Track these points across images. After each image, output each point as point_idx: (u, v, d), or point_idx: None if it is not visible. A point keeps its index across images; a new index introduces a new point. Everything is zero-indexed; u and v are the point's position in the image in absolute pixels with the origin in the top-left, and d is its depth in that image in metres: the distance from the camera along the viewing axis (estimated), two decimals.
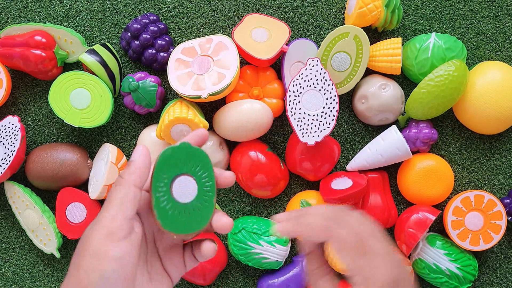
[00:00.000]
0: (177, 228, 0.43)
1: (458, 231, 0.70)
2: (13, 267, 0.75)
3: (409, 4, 0.74)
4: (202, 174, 0.44)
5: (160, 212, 0.42)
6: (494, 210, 0.69)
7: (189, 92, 0.66)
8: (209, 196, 0.44)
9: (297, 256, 0.73)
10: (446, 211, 0.71)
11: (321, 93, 0.67)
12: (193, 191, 0.44)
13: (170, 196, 0.43)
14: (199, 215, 0.43)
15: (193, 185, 0.44)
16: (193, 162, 0.44)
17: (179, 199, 0.43)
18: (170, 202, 0.43)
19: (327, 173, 0.71)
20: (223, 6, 0.74)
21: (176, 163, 0.43)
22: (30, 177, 0.70)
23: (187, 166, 0.44)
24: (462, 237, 0.70)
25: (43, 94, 0.75)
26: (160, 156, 0.43)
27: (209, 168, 0.44)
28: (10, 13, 0.74)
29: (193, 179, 0.44)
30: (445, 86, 0.66)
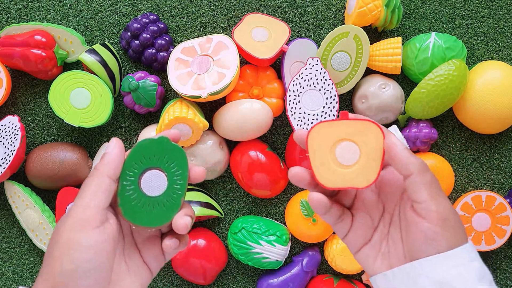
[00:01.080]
0: (137, 220, 0.43)
1: None
2: (13, 266, 0.75)
3: (409, 3, 0.74)
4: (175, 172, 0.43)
5: (123, 200, 0.42)
6: (503, 214, 0.69)
7: (189, 91, 0.66)
8: (177, 194, 0.43)
9: (297, 256, 0.73)
10: (455, 205, 0.71)
11: (321, 92, 0.67)
12: (162, 187, 0.43)
13: (137, 187, 0.43)
14: (162, 211, 0.43)
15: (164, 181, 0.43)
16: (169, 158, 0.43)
17: (146, 191, 0.43)
18: (136, 193, 0.43)
19: None
20: (223, 5, 0.74)
21: (150, 156, 0.43)
22: (30, 176, 0.70)
23: (161, 161, 0.43)
24: None
25: (43, 94, 0.75)
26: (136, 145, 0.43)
27: (184, 167, 0.43)
28: (10, 12, 0.74)
29: (165, 175, 0.43)
30: (445, 85, 0.66)
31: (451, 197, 0.74)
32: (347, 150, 0.43)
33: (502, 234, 0.69)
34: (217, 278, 0.75)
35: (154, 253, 0.46)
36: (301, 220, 0.70)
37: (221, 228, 0.75)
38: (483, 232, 0.70)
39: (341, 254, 0.69)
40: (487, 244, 0.70)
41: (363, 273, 0.74)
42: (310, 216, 0.69)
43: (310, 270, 0.72)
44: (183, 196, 0.43)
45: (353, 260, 0.69)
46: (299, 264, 0.72)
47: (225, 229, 0.75)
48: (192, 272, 0.71)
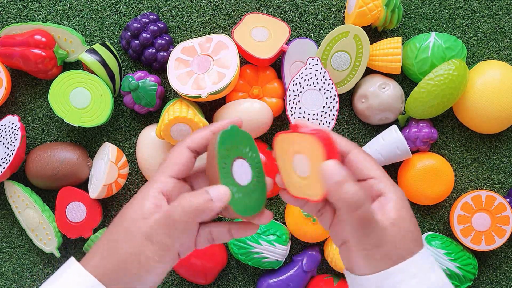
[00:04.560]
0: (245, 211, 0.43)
1: (462, 227, 0.70)
2: (13, 266, 0.75)
3: (409, 3, 0.74)
4: (252, 155, 0.44)
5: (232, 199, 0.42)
6: (503, 214, 0.69)
7: (189, 91, 0.66)
8: (261, 176, 0.44)
9: (297, 256, 0.73)
10: (455, 205, 0.71)
11: (321, 92, 0.67)
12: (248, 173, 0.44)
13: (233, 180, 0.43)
14: (257, 195, 0.44)
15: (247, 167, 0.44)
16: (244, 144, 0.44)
17: (240, 182, 0.43)
18: (235, 186, 0.42)
19: None
20: (223, 5, 0.74)
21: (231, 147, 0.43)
22: (30, 176, 0.70)
23: (239, 149, 0.44)
24: (465, 234, 0.70)
25: (43, 94, 0.74)
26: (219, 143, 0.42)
27: (256, 149, 0.45)
28: (10, 12, 0.74)
29: (246, 161, 0.44)
30: (445, 85, 0.66)
31: (451, 197, 0.74)
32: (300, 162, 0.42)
33: (502, 234, 0.69)
34: (217, 278, 0.75)
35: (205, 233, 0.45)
36: (301, 220, 0.70)
37: None
38: (483, 232, 0.70)
39: None
40: (487, 244, 0.70)
41: None
42: (310, 216, 0.69)
43: (310, 270, 0.72)
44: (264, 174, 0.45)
45: None
46: (299, 264, 0.72)
47: None
48: (192, 271, 0.71)
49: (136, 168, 0.74)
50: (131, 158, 0.74)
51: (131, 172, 0.75)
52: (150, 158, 0.70)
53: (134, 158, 0.74)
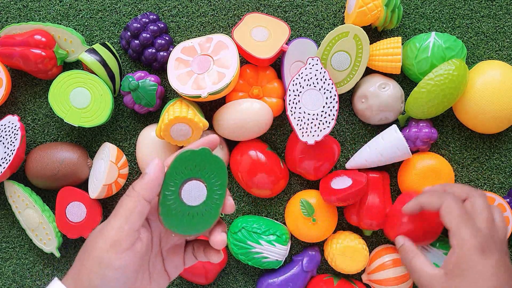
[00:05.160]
0: (177, 228, 0.44)
1: None
2: (13, 266, 0.75)
3: (409, 3, 0.74)
4: (215, 182, 0.45)
5: (164, 209, 0.44)
6: (504, 215, 0.69)
7: (189, 91, 0.66)
8: (216, 204, 0.45)
9: (297, 256, 0.73)
10: None
11: (321, 92, 0.67)
12: (201, 197, 0.45)
13: (177, 196, 0.44)
14: (201, 220, 0.44)
15: (203, 191, 0.45)
16: (209, 169, 0.44)
17: (186, 201, 0.44)
18: (176, 202, 0.44)
19: (327, 172, 0.71)
20: (223, 5, 0.74)
21: (191, 167, 0.44)
22: (30, 176, 0.70)
23: (202, 172, 0.44)
24: None
25: (43, 93, 0.74)
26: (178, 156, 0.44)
27: (223, 177, 0.45)
28: (10, 12, 0.74)
29: (205, 185, 0.45)
30: (445, 85, 0.66)
31: None
32: None
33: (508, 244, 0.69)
34: (217, 277, 0.75)
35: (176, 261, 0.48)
36: (301, 219, 0.70)
37: None
38: None
39: (341, 254, 0.69)
40: None
41: (363, 273, 0.74)
42: (310, 216, 0.69)
43: (310, 270, 0.72)
44: (221, 206, 0.45)
45: (353, 260, 0.69)
46: (299, 263, 0.72)
47: None
48: (192, 271, 0.71)
49: (136, 168, 0.75)
50: (131, 158, 0.74)
51: (131, 172, 0.75)
52: (150, 158, 0.70)
53: (134, 158, 0.74)
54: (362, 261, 0.70)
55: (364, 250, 0.70)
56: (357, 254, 0.69)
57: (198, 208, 0.44)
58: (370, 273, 0.71)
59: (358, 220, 0.70)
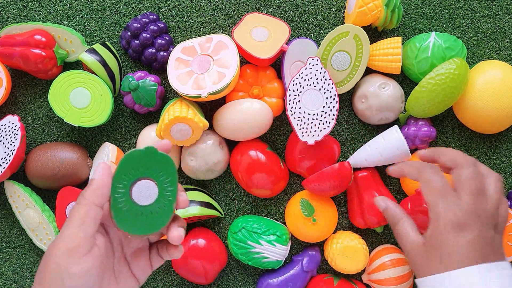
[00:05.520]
0: (132, 229, 0.44)
1: None
2: (13, 266, 0.75)
3: (409, 3, 0.74)
4: (164, 179, 0.45)
5: (116, 212, 0.44)
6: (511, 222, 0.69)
7: (189, 91, 0.66)
8: (168, 201, 0.45)
9: (297, 256, 0.73)
10: None
11: (321, 92, 0.67)
12: (153, 195, 0.45)
13: (128, 198, 0.44)
14: (156, 218, 0.44)
15: (154, 189, 0.45)
16: (157, 167, 0.45)
17: (138, 201, 0.44)
18: (128, 203, 0.44)
19: None
20: (223, 5, 0.74)
21: (139, 167, 0.44)
22: (30, 176, 0.70)
23: (150, 170, 0.44)
24: None
25: (43, 93, 0.75)
26: (123, 158, 0.44)
27: (173, 174, 0.45)
28: (10, 12, 0.74)
29: (155, 184, 0.45)
30: (446, 84, 0.66)
31: None
32: None
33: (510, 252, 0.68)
34: (217, 277, 0.75)
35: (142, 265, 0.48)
36: (301, 220, 0.70)
37: (221, 227, 0.75)
38: None
39: (341, 254, 0.69)
40: (508, 255, 0.69)
41: (363, 273, 0.74)
42: (310, 216, 0.69)
43: (310, 270, 0.72)
44: (174, 202, 0.45)
45: (353, 260, 0.69)
46: (299, 263, 0.72)
47: (225, 229, 0.75)
48: (192, 271, 0.71)
49: None
50: None
51: None
52: None
53: None
54: (362, 261, 0.70)
55: (364, 250, 0.70)
56: (357, 254, 0.69)
57: (151, 207, 0.44)
58: (370, 273, 0.71)
59: (364, 221, 0.70)
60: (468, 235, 0.51)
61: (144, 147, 0.44)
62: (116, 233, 0.47)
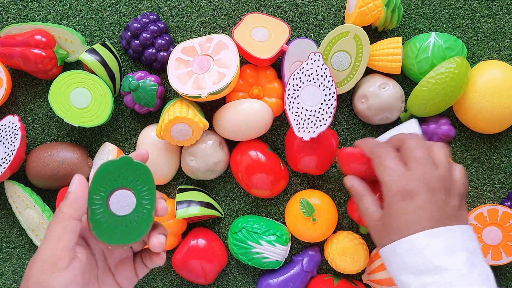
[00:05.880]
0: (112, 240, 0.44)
1: None
2: (13, 266, 0.75)
3: (409, 3, 0.74)
4: (141, 188, 0.45)
5: (94, 224, 0.44)
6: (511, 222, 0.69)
7: (189, 91, 0.66)
8: (147, 209, 0.45)
9: (297, 256, 0.73)
10: (469, 214, 0.70)
11: (320, 89, 0.67)
12: (131, 205, 0.44)
13: (106, 209, 0.44)
14: (135, 228, 0.44)
15: (132, 199, 0.45)
16: (133, 176, 0.44)
17: (116, 211, 0.44)
18: (106, 214, 0.44)
19: (330, 164, 0.71)
20: (223, 5, 0.74)
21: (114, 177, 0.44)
22: (30, 176, 0.70)
23: (126, 180, 0.44)
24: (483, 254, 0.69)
25: (43, 94, 0.75)
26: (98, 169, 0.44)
27: (150, 182, 0.45)
28: (10, 12, 0.74)
29: (132, 193, 0.44)
30: (446, 83, 0.66)
31: None
32: None
33: (510, 252, 0.69)
34: (217, 277, 0.75)
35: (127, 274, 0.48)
36: (301, 220, 0.70)
37: (221, 227, 0.75)
38: (491, 246, 0.69)
39: (341, 254, 0.69)
40: (492, 259, 0.69)
41: (363, 273, 0.74)
42: (310, 216, 0.69)
43: (310, 270, 0.72)
44: (153, 210, 0.45)
45: (353, 260, 0.69)
46: (299, 264, 0.72)
47: (225, 229, 0.75)
48: (192, 271, 0.71)
49: None
50: None
51: None
52: (150, 158, 0.70)
53: None
54: (362, 261, 0.69)
55: (364, 250, 0.70)
56: (357, 254, 0.69)
57: (129, 217, 0.44)
58: (370, 273, 0.71)
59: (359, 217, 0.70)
60: (416, 201, 0.52)
61: (119, 157, 0.44)
62: (98, 245, 0.47)
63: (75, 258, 0.43)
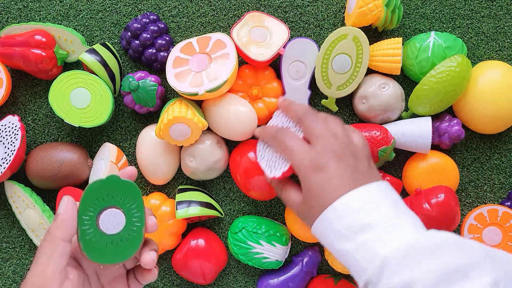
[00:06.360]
0: (103, 259, 0.44)
1: (472, 236, 0.70)
2: (13, 266, 0.75)
3: (409, 3, 0.74)
4: (130, 206, 0.45)
5: (85, 244, 0.44)
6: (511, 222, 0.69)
7: (186, 89, 0.66)
8: (137, 226, 0.45)
9: (297, 256, 0.73)
10: (461, 230, 0.70)
11: None
12: (121, 223, 0.45)
13: (96, 228, 0.44)
14: (126, 245, 0.45)
15: (121, 217, 0.45)
16: (122, 194, 0.45)
17: (106, 230, 0.44)
18: (96, 234, 0.44)
19: None
20: (223, 5, 0.74)
21: (103, 196, 0.44)
22: (30, 176, 0.70)
23: (115, 199, 0.45)
24: None
25: (43, 94, 0.75)
26: (86, 189, 0.44)
27: (138, 199, 0.45)
28: (10, 12, 0.74)
29: (121, 211, 0.45)
30: (447, 81, 0.66)
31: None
32: None
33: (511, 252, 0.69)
34: (217, 278, 0.75)
35: None
36: None
37: (221, 228, 0.75)
38: (499, 245, 0.69)
39: None
40: None
41: None
42: None
43: (310, 270, 0.72)
44: (143, 227, 0.45)
45: None
46: (299, 264, 0.72)
47: (225, 229, 0.75)
48: (192, 271, 0.71)
49: (136, 168, 0.75)
50: (131, 158, 0.75)
51: None
52: (150, 158, 0.70)
53: (134, 158, 0.74)
54: None
55: None
56: None
57: (120, 235, 0.44)
58: None
59: None
60: (329, 172, 0.53)
61: (106, 176, 0.45)
62: (90, 264, 0.47)
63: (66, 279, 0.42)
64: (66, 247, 0.43)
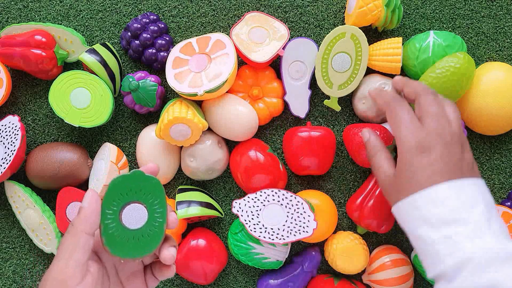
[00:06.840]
0: (125, 253, 0.44)
1: None
2: (13, 266, 0.75)
3: (409, 3, 0.74)
4: (153, 202, 0.45)
5: (107, 238, 0.44)
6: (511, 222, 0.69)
7: (185, 89, 0.66)
8: (159, 222, 0.45)
9: (297, 256, 0.73)
10: None
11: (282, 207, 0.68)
12: (143, 218, 0.45)
13: (118, 223, 0.44)
14: (147, 240, 0.45)
15: (144, 212, 0.45)
16: (145, 189, 0.45)
17: (128, 225, 0.45)
18: (119, 229, 0.44)
19: (332, 161, 0.71)
20: (223, 5, 0.74)
21: (126, 191, 0.45)
22: (30, 176, 0.70)
23: (138, 194, 0.45)
24: None
25: (43, 94, 0.75)
26: (110, 184, 0.44)
27: (161, 195, 0.45)
28: (10, 12, 0.74)
29: (144, 206, 0.45)
30: (447, 78, 0.65)
31: None
32: None
33: None
34: (217, 278, 0.75)
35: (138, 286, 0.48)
36: None
37: (221, 228, 0.75)
38: None
39: (341, 254, 0.69)
40: None
41: (363, 273, 0.74)
42: None
43: (310, 270, 0.72)
44: (165, 223, 0.45)
45: (354, 260, 0.69)
46: (299, 264, 0.72)
47: (225, 229, 0.75)
48: (192, 272, 0.70)
49: (136, 168, 0.75)
50: (131, 158, 0.75)
51: None
52: (150, 158, 0.70)
53: (134, 158, 0.74)
54: (362, 262, 0.69)
55: (365, 250, 0.70)
56: (357, 254, 0.69)
57: (142, 230, 0.45)
58: (370, 274, 0.71)
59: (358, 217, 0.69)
60: (431, 155, 0.52)
61: (131, 171, 0.45)
62: (109, 259, 0.48)
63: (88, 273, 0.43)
64: (89, 241, 0.43)
